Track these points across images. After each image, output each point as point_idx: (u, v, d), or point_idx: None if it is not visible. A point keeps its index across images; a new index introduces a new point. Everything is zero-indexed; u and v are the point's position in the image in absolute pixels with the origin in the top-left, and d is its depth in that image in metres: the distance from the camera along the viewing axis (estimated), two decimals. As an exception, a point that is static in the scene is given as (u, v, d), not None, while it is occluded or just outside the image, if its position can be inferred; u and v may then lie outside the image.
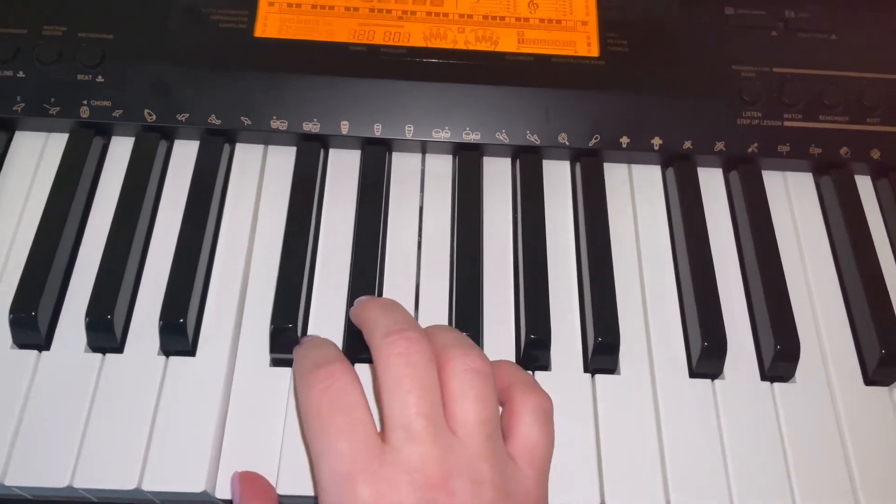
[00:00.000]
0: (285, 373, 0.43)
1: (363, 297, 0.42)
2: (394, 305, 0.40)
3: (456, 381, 0.36)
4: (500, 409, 0.39)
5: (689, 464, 0.42)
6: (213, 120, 0.49)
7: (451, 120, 0.50)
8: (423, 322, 0.44)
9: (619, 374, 0.44)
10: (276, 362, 0.43)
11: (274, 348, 0.43)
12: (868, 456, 0.43)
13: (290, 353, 0.43)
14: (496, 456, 0.35)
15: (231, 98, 0.49)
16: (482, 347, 0.44)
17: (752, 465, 0.42)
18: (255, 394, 0.42)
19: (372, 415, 0.36)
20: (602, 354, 0.44)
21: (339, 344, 0.44)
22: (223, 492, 0.40)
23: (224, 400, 0.42)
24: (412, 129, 0.49)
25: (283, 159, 0.50)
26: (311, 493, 0.40)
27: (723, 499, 0.41)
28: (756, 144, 0.50)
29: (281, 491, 0.40)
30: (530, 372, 0.44)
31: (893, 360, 0.44)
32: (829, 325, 0.47)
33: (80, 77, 0.49)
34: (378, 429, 0.35)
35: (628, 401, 0.43)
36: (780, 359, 0.44)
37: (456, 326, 0.43)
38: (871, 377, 0.45)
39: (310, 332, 0.44)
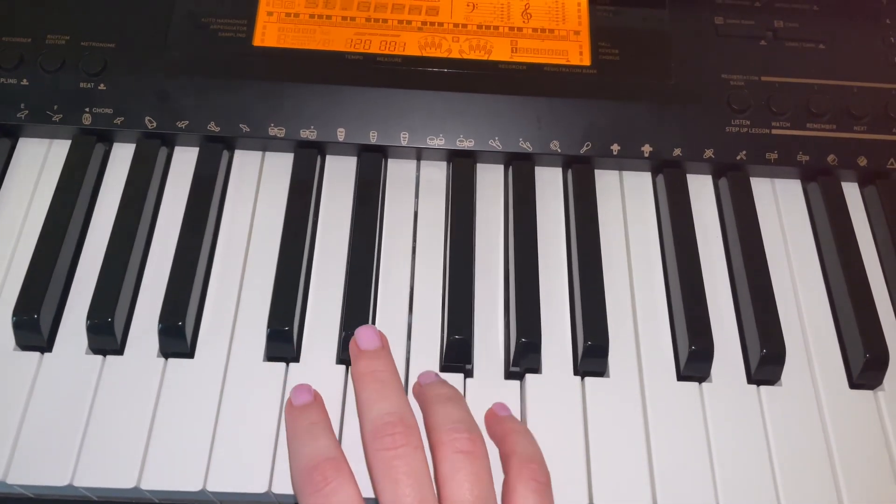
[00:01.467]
0: (279, 371, 0.44)
1: (363, 351, 0.42)
2: (385, 387, 0.40)
3: (447, 464, 0.38)
4: None
5: (675, 465, 0.42)
6: (213, 127, 0.50)
7: (445, 127, 0.51)
8: (417, 329, 0.46)
9: (608, 376, 0.45)
10: (269, 360, 0.44)
11: (270, 351, 0.44)
12: (852, 458, 0.43)
13: (285, 356, 0.44)
14: None
15: (230, 105, 0.50)
16: (473, 353, 0.45)
17: (738, 468, 0.43)
18: (249, 394, 0.43)
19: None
20: (591, 357, 0.45)
21: (333, 346, 0.45)
22: (218, 488, 0.41)
23: (221, 401, 0.43)
24: (407, 136, 0.50)
25: (280, 165, 0.51)
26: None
27: (709, 500, 0.42)
28: (744, 152, 0.51)
29: (275, 490, 0.41)
30: (518, 378, 0.45)
31: (878, 364, 0.45)
32: (814, 329, 0.48)
33: (82, 85, 0.50)
34: None
35: (617, 403, 0.44)
36: (766, 362, 0.45)
37: (448, 331, 0.44)
38: (856, 381, 0.46)
39: (305, 335, 0.45)
